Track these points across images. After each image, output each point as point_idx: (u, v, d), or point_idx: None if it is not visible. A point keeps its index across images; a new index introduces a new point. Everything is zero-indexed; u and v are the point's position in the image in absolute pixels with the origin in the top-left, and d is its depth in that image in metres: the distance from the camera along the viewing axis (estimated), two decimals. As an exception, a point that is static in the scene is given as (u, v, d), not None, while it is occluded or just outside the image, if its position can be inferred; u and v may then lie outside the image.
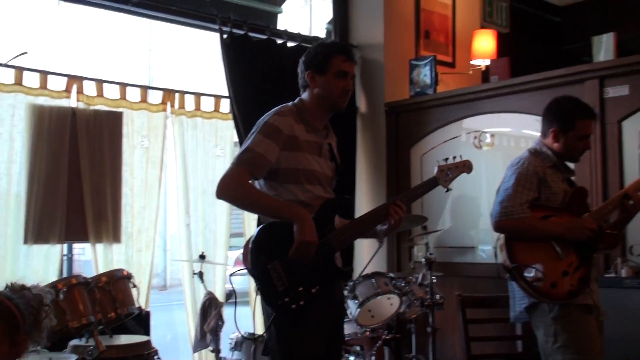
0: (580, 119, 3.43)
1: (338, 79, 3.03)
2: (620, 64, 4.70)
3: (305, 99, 3.12)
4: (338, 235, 2.97)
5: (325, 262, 2.92)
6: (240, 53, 5.31)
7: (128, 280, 3.82)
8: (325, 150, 3.12)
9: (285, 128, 2.96)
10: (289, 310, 2.81)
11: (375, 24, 6.09)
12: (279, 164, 2.95)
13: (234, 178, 2.93)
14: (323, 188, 3.06)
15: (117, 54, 8.23)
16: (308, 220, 2.84)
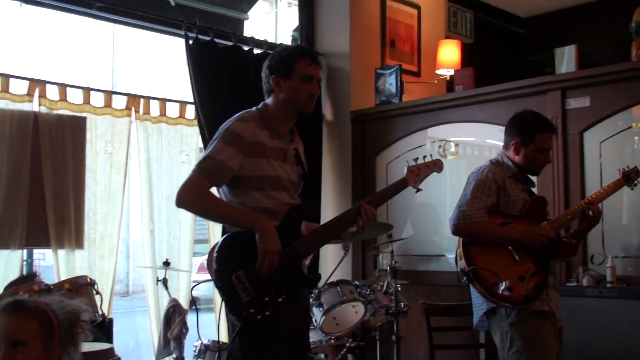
0: (541, 133, 3.51)
1: (304, 83, 2.99)
2: (582, 76, 4.78)
3: (270, 104, 3.07)
4: (305, 242, 2.92)
5: (292, 270, 2.87)
6: (206, 59, 5.29)
7: (91, 287, 3.78)
8: (290, 156, 3.08)
9: (248, 134, 2.91)
10: (255, 321, 2.76)
11: (341, 33, 6.12)
12: (242, 171, 2.91)
13: (194, 186, 2.88)
14: (289, 194, 3.02)
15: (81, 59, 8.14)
16: (269, 228, 2.80)
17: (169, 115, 5.31)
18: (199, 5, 6.84)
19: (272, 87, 3.04)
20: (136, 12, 5.13)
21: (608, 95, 4.63)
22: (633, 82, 4.53)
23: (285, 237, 2.85)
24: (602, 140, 4.66)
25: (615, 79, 4.60)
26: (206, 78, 5.25)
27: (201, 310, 7.80)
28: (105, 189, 4.89)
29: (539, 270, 3.39)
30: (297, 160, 3.12)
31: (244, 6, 7.47)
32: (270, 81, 3.05)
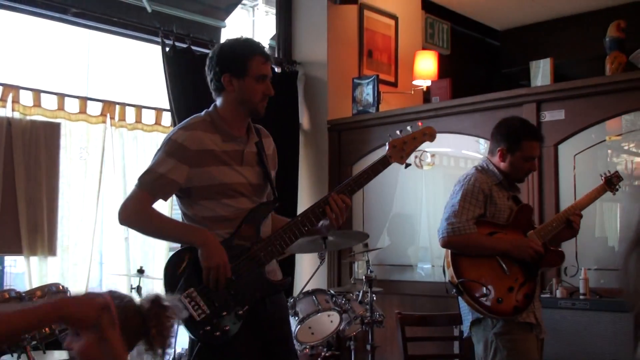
0: (527, 141, 3.46)
1: (258, 82, 2.82)
2: (557, 89, 4.83)
3: (221, 105, 2.88)
4: (265, 246, 2.76)
5: (253, 278, 2.72)
6: (183, 67, 5.27)
7: (63, 294, 3.72)
8: (249, 157, 2.87)
9: (193, 144, 2.74)
10: (213, 338, 2.63)
11: (318, 42, 6.13)
12: (191, 182, 2.75)
13: (134, 203, 2.73)
14: (249, 199, 2.83)
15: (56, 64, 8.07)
16: (210, 242, 2.65)
17: (144, 122, 5.27)
18: (176, 13, 6.81)
19: (224, 87, 2.85)
20: (112, 18, 5.10)
21: (582, 108, 4.68)
22: (607, 96, 4.59)
23: (242, 245, 2.73)
24: (577, 153, 4.71)
25: (589, 92, 4.65)
26: (183, 85, 5.22)
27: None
28: (79, 195, 4.83)
29: (528, 280, 3.35)
30: (258, 159, 2.92)
31: (222, 14, 7.45)
32: (222, 80, 2.84)
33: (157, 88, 5.39)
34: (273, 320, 2.86)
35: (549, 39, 7.61)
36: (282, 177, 5.81)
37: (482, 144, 5.30)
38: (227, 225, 2.77)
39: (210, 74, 2.90)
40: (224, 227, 2.78)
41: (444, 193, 5.31)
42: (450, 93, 5.72)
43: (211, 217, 2.77)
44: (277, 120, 5.87)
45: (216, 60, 2.86)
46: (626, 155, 4.87)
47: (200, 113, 2.94)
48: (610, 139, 4.80)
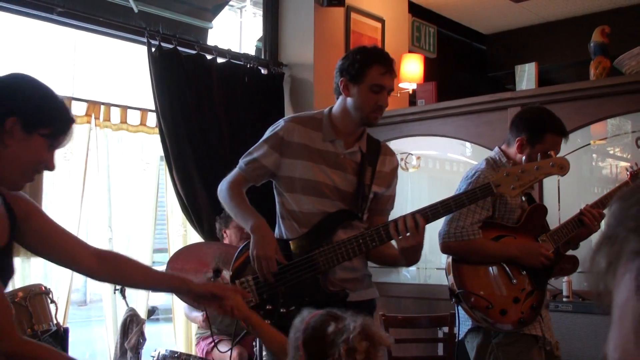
0: (552, 134, 3.14)
1: (372, 92, 2.79)
2: (541, 93, 4.86)
3: (335, 107, 2.94)
4: (327, 252, 2.73)
5: (307, 281, 2.71)
6: (169, 67, 5.25)
7: (46, 295, 3.70)
8: (343, 162, 2.86)
9: (288, 134, 2.85)
10: None
11: (305, 44, 6.13)
12: (280, 170, 2.87)
13: (228, 179, 2.93)
14: (332, 202, 2.82)
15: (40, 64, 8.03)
16: (261, 231, 2.72)
17: (129, 122, 5.25)
18: (163, 13, 6.79)
19: (340, 90, 2.87)
20: (98, 18, 5.07)
21: (567, 112, 4.70)
22: (591, 101, 4.62)
23: (309, 246, 2.76)
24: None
25: (574, 97, 4.68)
26: (168, 86, 5.20)
27: (159, 320, 7.72)
28: (63, 196, 4.80)
29: (535, 290, 3.09)
30: (359, 169, 2.87)
31: (208, 15, 7.44)
32: (339, 83, 2.86)
33: (143, 88, 5.36)
34: None
35: (534, 44, 7.65)
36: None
37: (468, 147, 5.32)
38: (303, 222, 2.82)
39: (335, 76, 2.94)
40: (301, 224, 2.84)
41: (429, 196, 5.34)
42: (436, 96, 5.74)
43: (291, 211, 2.86)
44: (263, 122, 5.87)
45: (340, 63, 2.90)
46: (611, 160, 4.91)
47: (315, 111, 3.05)
48: (595, 143, 4.83)
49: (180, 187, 5.22)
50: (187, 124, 5.28)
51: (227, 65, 5.70)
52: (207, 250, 3.98)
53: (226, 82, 5.64)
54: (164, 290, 2.65)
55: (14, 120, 1.92)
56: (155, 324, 7.07)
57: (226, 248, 4.14)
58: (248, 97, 5.79)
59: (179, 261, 3.90)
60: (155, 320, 7.36)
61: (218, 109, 5.54)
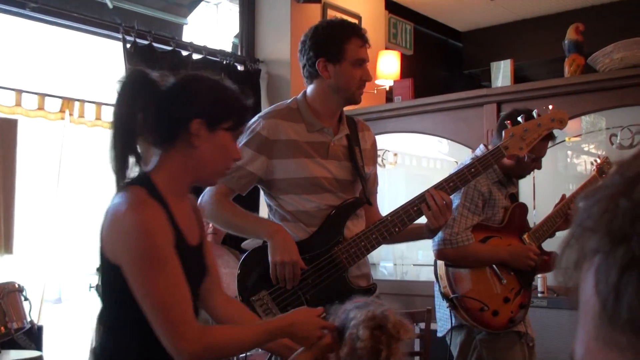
0: (540, 141, 3.06)
1: (355, 67, 2.60)
2: (517, 90, 4.90)
3: (310, 93, 2.68)
4: (347, 247, 2.54)
5: (333, 282, 2.49)
6: (144, 64, 5.20)
7: (20, 293, 3.66)
8: (335, 150, 2.66)
9: (272, 133, 2.58)
10: None
11: (281, 40, 6.11)
12: (271, 174, 2.59)
13: (210, 194, 2.57)
14: (333, 195, 2.62)
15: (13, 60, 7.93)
16: (279, 235, 2.46)
17: (104, 119, 5.20)
18: (138, 9, 6.73)
19: (318, 73, 2.62)
20: (72, 14, 5.02)
21: (542, 109, 4.74)
22: (566, 98, 4.65)
23: (325, 244, 2.53)
24: (536, 153, 4.76)
25: (549, 94, 4.71)
26: (144, 82, 5.16)
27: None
28: (37, 193, 4.76)
29: (522, 288, 3.13)
30: (349, 153, 2.68)
31: (184, 11, 7.39)
32: (317, 65, 2.61)
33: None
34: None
35: (509, 41, 7.69)
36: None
37: (444, 143, 5.34)
38: (310, 221, 2.58)
39: (303, 59, 2.70)
40: (306, 224, 2.60)
41: (406, 192, 5.35)
42: (412, 93, 5.75)
43: (294, 212, 2.60)
44: (239, 119, 5.86)
45: (310, 44, 2.66)
46: (585, 156, 4.95)
47: (287, 100, 2.77)
48: (570, 140, 4.87)
49: (156, 184, 5.19)
50: (162, 120, 5.24)
51: (203, 62, 5.67)
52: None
53: (202, 79, 5.60)
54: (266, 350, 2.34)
55: (198, 122, 1.99)
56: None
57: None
58: (224, 93, 5.75)
59: (154, 258, 3.87)
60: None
61: (194, 106, 5.51)
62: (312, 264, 2.51)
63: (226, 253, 3.99)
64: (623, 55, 4.47)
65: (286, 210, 2.61)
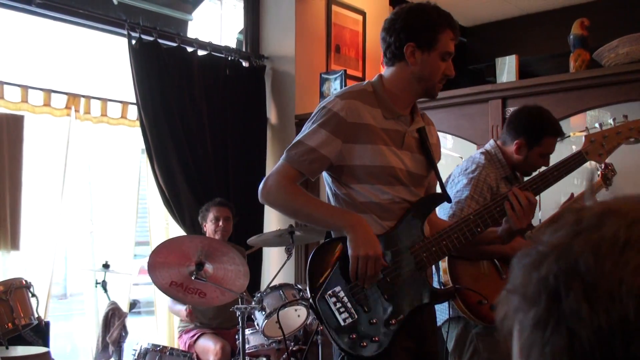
0: (549, 137, 3.20)
1: (442, 60, 2.42)
2: (522, 86, 4.88)
3: (388, 77, 2.48)
4: (428, 245, 2.37)
5: (413, 282, 2.33)
6: (149, 60, 5.23)
7: (27, 289, 3.68)
8: (410, 141, 2.47)
9: (350, 114, 2.36)
10: (359, 349, 2.24)
11: (286, 36, 6.12)
12: (344, 159, 2.38)
13: (278, 178, 2.39)
14: (407, 189, 2.43)
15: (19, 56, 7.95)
16: (361, 227, 2.26)
17: (110, 115, 5.22)
18: (143, 5, 6.74)
19: (404, 57, 2.42)
20: (77, 10, 5.03)
21: (547, 105, 4.67)
22: (571, 93, 4.65)
23: (404, 242, 2.36)
24: (541, 149, 4.76)
25: (554, 89, 4.71)
26: (149, 79, 5.18)
27: (141, 313, 7.70)
28: (43, 189, 4.78)
29: None
30: (422, 146, 2.50)
31: (189, 7, 7.40)
32: (405, 49, 2.41)
33: (123, 81, 5.34)
34: (426, 333, 2.50)
35: (514, 36, 7.68)
36: (249, 172, 5.82)
37: (449, 139, 5.34)
38: (382, 214, 2.39)
39: (389, 38, 2.48)
40: (379, 217, 2.41)
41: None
42: (417, 89, 5.74)
43: (365, 203, 2.39)
44: (244, 115, 5.87)
45: (401, 25, 2.44)
46: (590, 152, 4.93)
47: (362, 82, 2.58)
48: (575, 135, 4.86)
49: (161, 180, 5.21)
50: (168, 116, 5.26)
51: (208, 58, 5.68)
52: (190, 243, 3.97)
53: (207, 75, 5.63)
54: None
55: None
56: (137, 317, 7.05)
57: (209, 241, 4.14)
58: (229, 89, 5.78)
59: (161, 254, 3.89)
60: (137, 314, 7.34)
61: (199, 102, 5.53)
62: (392, 261, 2.34)
63: (232, 250, 4.00)
64: (628, 50, 4.46)
65: (357, 200, 2.39)
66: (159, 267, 3.86)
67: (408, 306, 2.30)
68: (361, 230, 2.26)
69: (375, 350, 2.23)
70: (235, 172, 5.74)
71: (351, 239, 2.25)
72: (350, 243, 2.25)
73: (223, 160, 5.67)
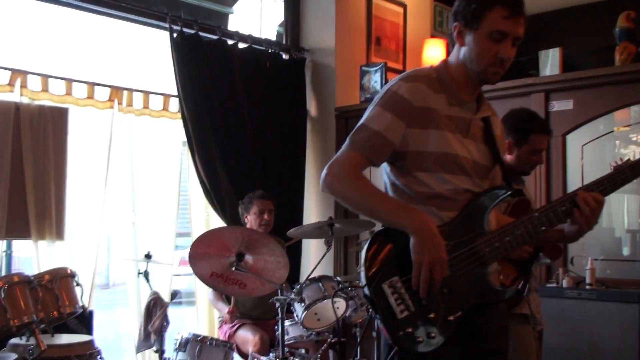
0: (536, 134, 3.36)
1: (491, 40, 2.21)
2: (566, 79, 4.82)
3: (451, 61, 2.33)
4: (491, 240, 2.22)
5: (473, 278, 2.19)
6: (191, 53, 5.27)
7: (72, 278, 3.74)
8: (476, 130, 2.31)
9: (415, 97, 2.20)
10: (414, 344, 2.10)
11: (326, 29, 6.11)
12: (407, 145, 2.21)
13: (342, 165, 2.21)
14: (471, 180, 2.28)
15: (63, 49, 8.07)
16: (427, 229, 2.10)
17: (152, 107, 5.28)
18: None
19: (454, 38, 2.30)
20: (120, 3, 5.09)
21: (591, 98, 4.67)
22: (616, 87, 4.58)
23: (465, 234, 2.21)
24: (585, 143, 4.71)
25: (598, 83, 4.64)
26: (190, 71, 5.23)
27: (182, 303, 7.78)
28: (87, 181, 4.85)
29: (520, 276, 3.11)
30: (487, 136, 2.35)
31: (229, 0, 7.43)
32: (453, 29, 2.30)
33: (165, 74, 5.39)
34: (489, 332, 2.29)
35: (558, 29, 7.56)
36: (289, 164, 5.85)
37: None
38: (443, 206, 2.24)
39: (450, 19, 2.39)
40: (439, 208, 2.25)
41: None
42: (458, 82, 5.70)
43: (426, 193, 2.24)
44: (284, 107, 5.89)
45: (456, 5, 2.33)
46: (634, 146, 4.86)
47: (425, 66, 2.43)
48: (619, 130, 4.79)
49: (202, 172, 5.26)
50: (208, 109, 5.30)
51: (248, 51, 5.71)
52: (230, 234, 4.01)
53: (247, 68, 5.65)
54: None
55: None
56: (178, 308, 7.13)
57: (249, 232, 4.17)
58: (269, 82, 5.80)
59: (202, 245, 3.93)
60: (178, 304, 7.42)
61: (239, 95, 5.56)
62: (451, 255, 2.17)
63: (272, 241, 4.03)
64: (676, 42, 4.37)
65: (416, 191, 2.24)
66: (200, 258, 3.90)
67: (467, 303, 2.17)
68: (427, 233, 2.10)
69: (432, 346, 2.11)
70: (275, 164, 5.77)
71: (416, 242, 2.10)
72: (415, 247, 2.10)
73: (263, 152, 5.69)
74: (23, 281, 3.40)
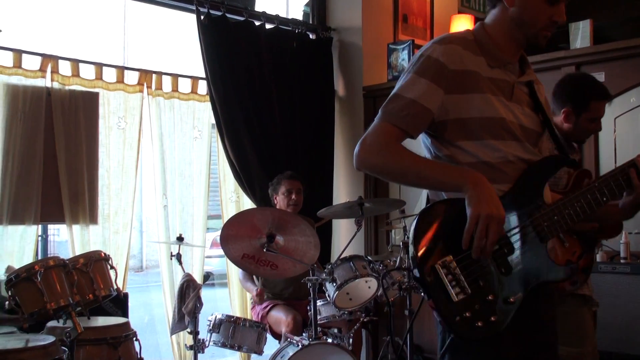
0: (596, 101, 3.16)
1: (547, 3, 2.08)
2: (597, 51, 4.74)
3: (490, 23, 2.16)
4: (550, 214, 2.04)
5: (533, 255, 2.01)
6: (218, 35, 5.27)
7: (106, 261, 3.79)
8: (520, 93, 2.14)
9: (452, 60, 2.04)
10: (473, 329, 1.91)
11: (353, 7, 6.08)
12: (447, 113, 2.05)
13: (377, 138, 2.03)
14: (521, 145, 2.09)
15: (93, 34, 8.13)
16: (484, 184, 1.92)
17: (181, 90, 5.30)
18: (210, -20, 6.79)
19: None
20: (148, -13, 5.10)
21: (623, 71, 4.59)
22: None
23: (521, 208, 2.03)
24: (617, 116, 4.63)
25: (630, 54, 4.56)
26: (218, 54, 5.24)
27: (215, 285, 7.85)
28: (118, 164, 4.90)
29: (585, 252, 2.97)
30: (533, 100, 2.17)
31: (256, -19, 7.41)
32: None
33: (193, 56, 5.40)
34: (543, 320, 2.12)
35: (588, 0, 7.44)
36: (317, 144, 5.85)
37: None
38: (493, 176, 2.02)
39: None
40: (494, 179, 2.03)
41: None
42: (487, 57, 5.64)
43: (472, 164, 2.05)
44: (312, 87, 5.87)
45: None
46: (668, 118, 4.78)
47: (462, 30, 2.28)
48: (651, 102, 4.71)
49: (232, 154, 5.28)
50: (237, 91, 5.31)
51: (275, 31, 5.70)
52: (260, 216, 4.03)
53: (275, 48, 5.65)
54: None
55: None
56: (210, 289, 7.20)
57: (279, 213, 4.18)
58: (297, 62, 5.79)
59: (233, 227, 3.96)
60: (211, 286, 7.49)
61: (267, 75, 5.56)
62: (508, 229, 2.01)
63: (302, 222, 4.04)
64: None
65: (461, 162, 2.06)
66: (232, 239, 3.93)
67: (528, 283, 1.99)
68: (484, 186, 1.92)
69: (492, 331, 1.93)
70: (304, 144, 5.77)
71: (472, 195, 1.91)
72: (471, 200, 1.90)
73: (292, 132, 5.70)
74: (58, 265, 3.45)
